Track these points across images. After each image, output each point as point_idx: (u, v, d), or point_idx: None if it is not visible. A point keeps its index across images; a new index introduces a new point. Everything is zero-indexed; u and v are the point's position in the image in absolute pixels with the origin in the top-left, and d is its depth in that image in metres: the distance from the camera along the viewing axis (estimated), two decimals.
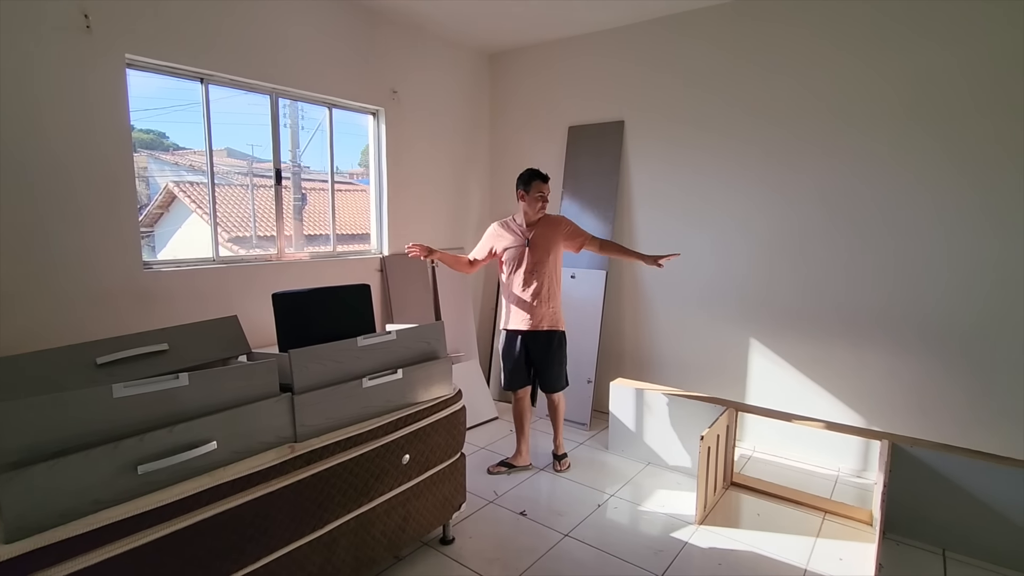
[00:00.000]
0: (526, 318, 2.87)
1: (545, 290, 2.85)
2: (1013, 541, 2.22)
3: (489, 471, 3.02)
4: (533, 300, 2.85)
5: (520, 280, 2.86)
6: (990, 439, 2.63)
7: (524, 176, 2.87)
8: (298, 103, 3.28)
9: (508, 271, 2.92)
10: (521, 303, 2.88)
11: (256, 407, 1.66)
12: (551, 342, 2.91)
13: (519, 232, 2.90)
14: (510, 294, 2.93)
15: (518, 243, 2.88)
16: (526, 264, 2.85)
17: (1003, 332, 2.62)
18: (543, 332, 2.89)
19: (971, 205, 2.66)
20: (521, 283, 2.87)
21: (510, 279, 2.91)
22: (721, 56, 3.28)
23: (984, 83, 2.57)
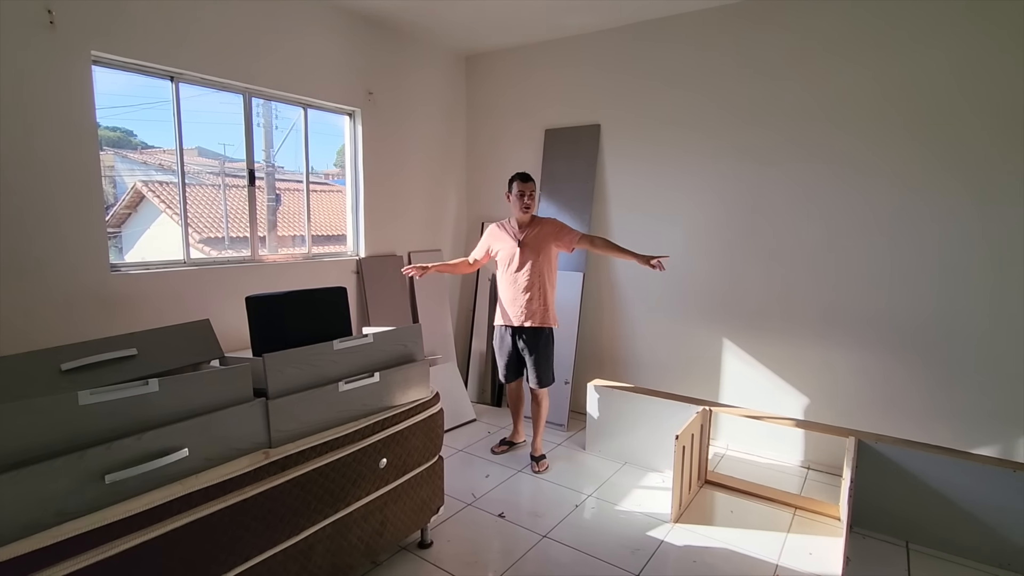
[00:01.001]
0: (514, 314, 3.02)
1: (535, 288, 2.97)
2: (971, 532, 2.31)
3: (493, 451, 3.31)
4: (521, 297, 2.99)
5: (511, 279, 3.02)
6: (950, 434, 2.74)
7: (509, 179, 3.05)
8: (272, 103, 3.23)
9: (501, 270, 3.08)
10: (511, 300, 3.03)
11: (229, 413, 1.63)
12: (538, 338, 3.02)
13: (512, 233, 3.05)
14: (502, 291, 3.08)
15: (510, 244, 3.03)
16: (516, 263, 3.00)
17: (961, 332, 2.73)
18: (529, 328, 3.01)
19: (936, 209, 2.76)
20: (512, 281, 3.02)
21: (503, 277, 3.07)
22: (695, 60, 3.34)
23: (954, 85, 2.68)
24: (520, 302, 3.00)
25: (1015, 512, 2.23)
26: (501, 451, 3.30)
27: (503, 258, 3.06)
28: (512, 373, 3.17)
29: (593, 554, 2.35)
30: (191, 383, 1.58)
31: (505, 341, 3.11)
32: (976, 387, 2.71)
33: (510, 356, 3.12)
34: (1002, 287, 2.63)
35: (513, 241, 3.02)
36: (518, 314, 3.01)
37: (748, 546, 2.41)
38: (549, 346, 3.07)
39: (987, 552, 2.29)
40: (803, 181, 3.08)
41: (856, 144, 2.91)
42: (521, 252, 2.99)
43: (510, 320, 3.05)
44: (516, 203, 2.99)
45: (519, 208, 2.99)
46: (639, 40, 3.53)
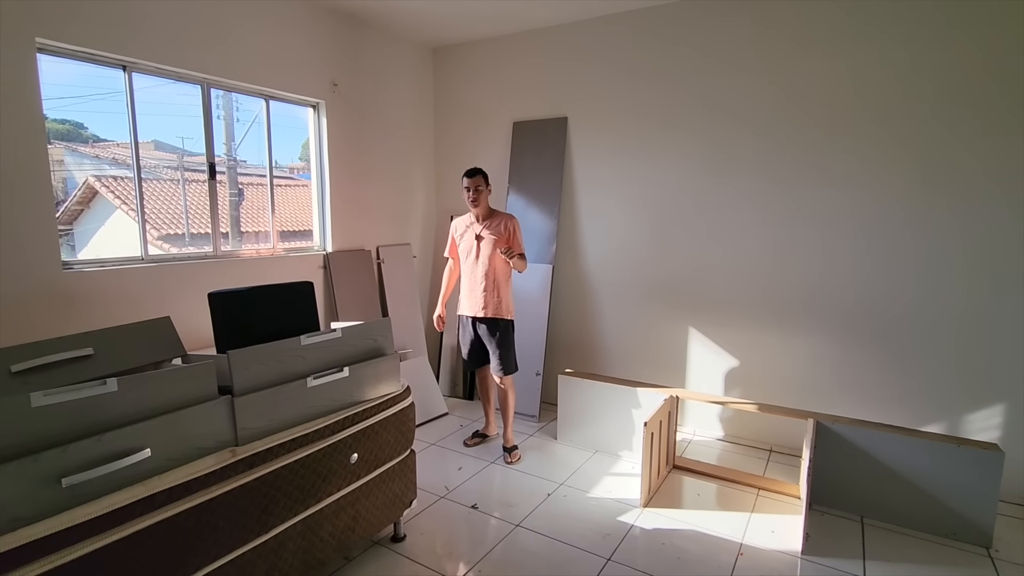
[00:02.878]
0: (472, 304, 3.14)
1: (490, 280, 3.09)
2: (920, 505, 2.45)
3: (466, 443, 3.34)
4: (478, 288, 3.11)
5: (468, 270, 3.15)
6: (902, 414, 2.88)
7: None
8: (232, 94, 3.14)
9: (461, 261, 3.20)
10: (468, 290, 3.16)
11: (193, 411, 1.59)
12: (496, 329, 3.11)
13: (471, 227, 3.16)
14: (463, 282, 3.21)
15: (470, 236, 3.14)
16: (473, 255, 3.11)
17: (910, 318, 2.87)
18: (488, 319, 3.11)
19: (889, 200, 2.88)
20: (470, 272, 3.14)
21: (463, 269, 3.19)
22: (661, 54, 3.39)
23: (909, 81, 2.79)
24: (477, 292, 3.11)
25: (958, 485, 2.37)
26: (474, 443, 3.33)
27: (463, 250, 3.17)
28: (474, 361, 3.26)
29: (565, 541, 2.39)
30: (152, 382, 1.54)
31: (467, 330, 3.21)
32: (924, 369, 2.86)
33: (472, 344, 3.22)
34: (947, 275, 2.76)
35: (471, 234, 3.13)
36: (476, 305, 3.12)
37: (714, 527, 2.49)
38: (508, 335, 3.14)
39: (934, 523, 2.43)
40: (765, 173, 3.17)
41: (815, 136, 3.01)
42: (477, 244, 3.10)
43: (467, 310, 3.17)
44: (465, 198, 3.11)
45: (468, 203, 3.10)
46: (606, 33, 3.56)
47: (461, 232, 3.20)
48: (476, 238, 3.10)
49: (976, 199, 2.68)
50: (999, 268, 2.66)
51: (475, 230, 3.13)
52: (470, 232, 3.15)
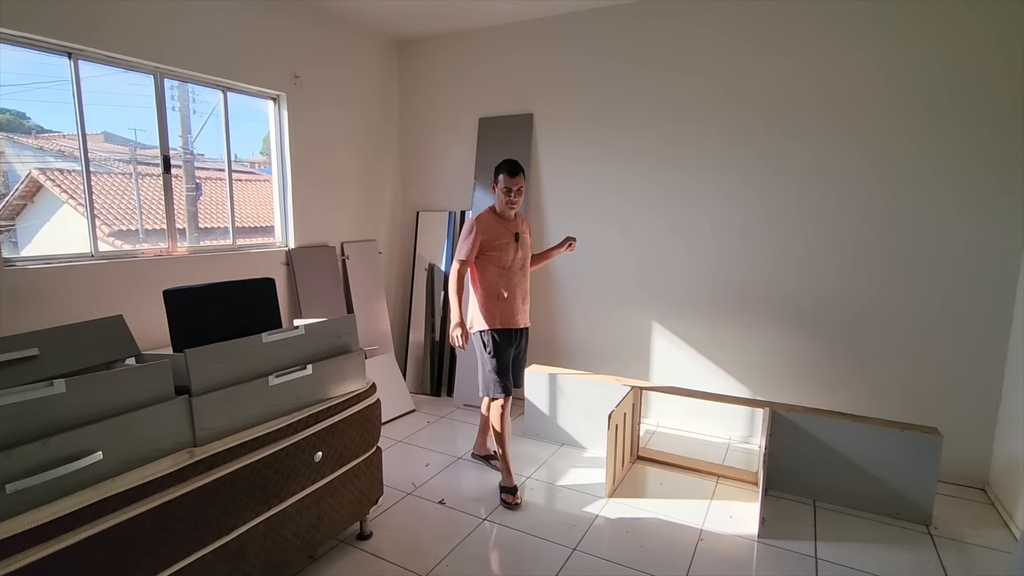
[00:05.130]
0: (520, 316, 2.78)
1: (528, 285, 2.86)
2: (867, 488, 2.58)
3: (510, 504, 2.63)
4: (524, 297, 2.81)
5: (514, 277, 2.74)
6: (851, 401, 3.03)
7: (495, 168, 2.72)
8: (188, 85, 3.04)
9: (498, 267, 2.70)
10: (514, 301, 2.74)
11: (148, 412, 1.55)
12: (526, 336, 2.90)
13: (504, 226, 2.72)
14: (501, 292, 2.70)
15: (506, 238, 2.71)
16: (520, 259, 2.76)
17: (860, 310, 3.01)
18: (526, 328, 2.86)
19: (839, 199, 3.01)
20: (515, 280, 2.75)
21: (498, 276, 2.70)
22: (625, 52, 3.45)
23: (864, 82, 2.92)
24: (522, 302, 2.79)
25: (902, 467, 2.51)
26: (514, 502, 2.64)
27: (502, 254, 2.70)
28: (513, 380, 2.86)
29: (532, 532, 2.42)
30: (103, 383, 1.49)
31: (513, 345, 2.78)
32: (870, 359, 3.00)
33: (514, 361, 2.84)
34: (891, 272, 2.91)
35: (509, 234, 2.72)
36: (525, 313, 2.81)
37: (676, 514, 2.57)
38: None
39: (880, 504, 2.56)
40: (724, 172, 3.26)
41: (773, 136, 3.12)
42: (520, 247, 2.76)
43: (517, 322, 2.76)
44: (501, 198, 2.67)
45: (504, 204, 2.68)
46: (571, 30, 3.59)
47: (496, 233, 2.69)
48: (515, 237, 2.73)
49: (919, 201, 2.83)
50: (938, 266, 2.81)
51: (511, 228, 2.73)
52: (505, 232, 2.70)
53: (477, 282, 2.74)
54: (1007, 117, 2.61)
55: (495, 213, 2.73)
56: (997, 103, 2.63)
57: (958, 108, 2.70)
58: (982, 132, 2.67)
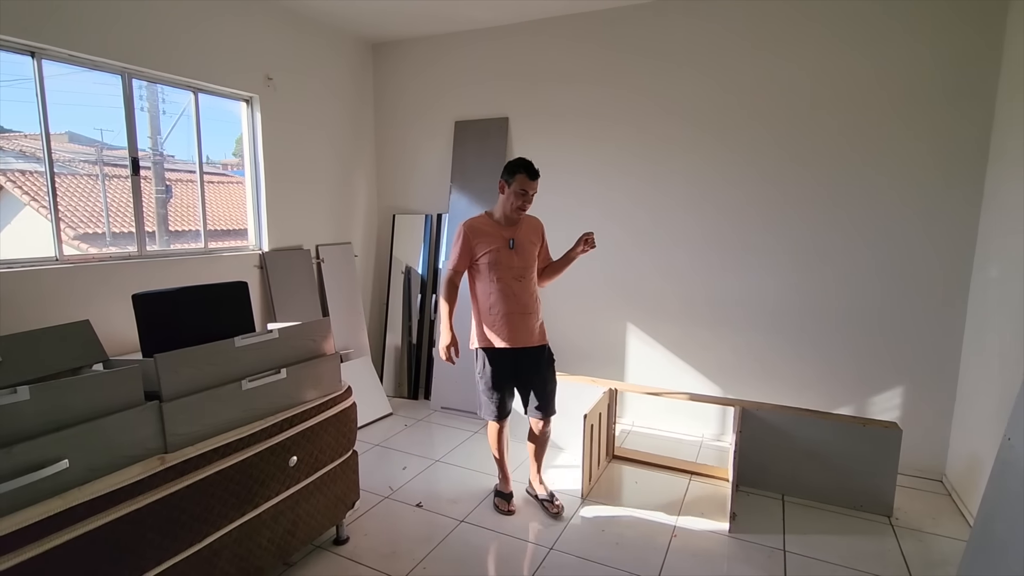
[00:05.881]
0: (518, 333, 2.46)
1: (534, 299, 2.52)
2: (832, 482, 2.67)
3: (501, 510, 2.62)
4: (524, 311, 2.47)
5: (507, 288, 2.44)
6: (817, 398, 3.12)
7: (511, 165, 2.41)
8: (157, 85, 2.98)
9: (488, 278, 2.45)
10: (510, 316, 2.45)
11: (117, 418, 1.52)
12: (542, 357, 2.55)
13: (497, 232, 2.45)
14: (492, 305, 2.46)
15: (498, 244, 2.43)
16: (514, 270, 2.45)
17: (824, 311, 3.11)
18: (536, 348, 2.52)
19: (809, 205, 3.11)
20: (509, 292, 2.44)
21: (490, 287, 2.45)
22: (598, 58, 3.50)
23: (824, 88, 3.02)
24: (522, 317, 2.46)
25: (864, 461, 2.60)
26: (509, 511, 2.61)
27: (491, 263, 2.43)
28: (510, 405, 2.62)
29: (509, 533, 2.44)
30: (69, 389, 1.46)
31: (502, 366, 2.50)
32: (834, 357, 3.11)
33: (509, 384, 2.56)
34: (853, 273, 3.02)
35: (502, 240, 2.44)
36: (525, 332, 2.47)
37: (650, 512, 2.62)
38: (553, 365, 2.62)
39: (844, 497, 2.65)
40: (692, 177, 3.34)
41: (742, 146, 3.20)
42: (516, 254, 2.45)
43: (511, 341, 2.45)
44: (512, 200, 2.40)
45: (512, 207, 2.41)
46: (545, 36, 3.63)
47: (485, 240, 2.43)
48: (511, 245, 2.44)
49: (874, 205, 2.94)
50: (894, 269, 2.93)
51: (506, 234, 2.45)
52: (497, 236, 2.44)
53: (474, 294, 2.52)
54: (958, 122, 2.74)
55: (490, 217, 2.50)
56: (946, 109, 2.75)
57: (911, 114, 2.82)
58: (934, 138, 2.79)
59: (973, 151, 2.73)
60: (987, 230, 2.68)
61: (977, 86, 2.69)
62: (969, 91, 2.71)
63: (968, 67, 2.69)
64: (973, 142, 2.73)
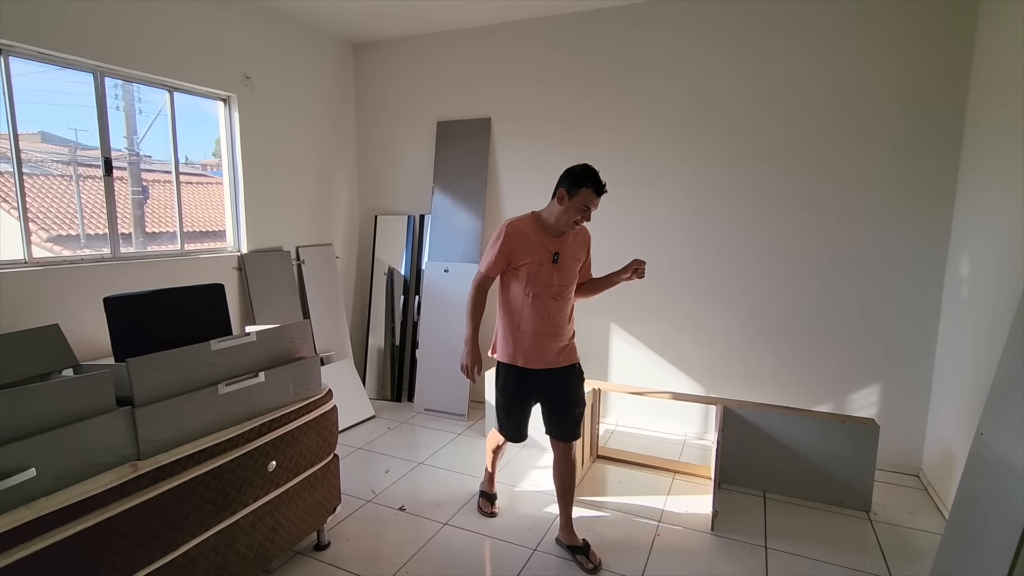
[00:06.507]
0: (546, 356, 2.23)
1: (568, 320, 2.29)
2: (812, 478, 2.70)
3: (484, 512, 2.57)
4: (559, 331, 2.23)
5: (542, 307, 2.20)
6: (796, 396, 3.16)
7: (576, 174, 2.13)
8: (133, 84, 2.92)
9: (523, 292, 2.20)
10: (540, 338, 2.21)
11: (86, 425, 1.48)
12: (572, 377, 2.31)
13: (542, 241, 2.19)
14: (522, 322, 2.22)
15: (541, 257, 2.18)
16: (553, 288, 2.20)
17: (803, 309, 3.15)
18: (565, 368, 2.29)
19: (788, 208, 3.15)
20: (544, 311, 2.20)
21: (523, 302, 2.21)
22: (579, 58, 3.51)
23: (803, 96, 3.06)
24: (555, 337, 2.23)
25: (843, 457, 2.64)
26: (492, 512, 2.58)
27: (531, 276, 2.18)
28: (526, 428, 2.38)
29: (493, 535, 2.43)
30: (36, 395, 1.42)
31: (523, 387, 2.28)
32: (813, 355, 3.15)
33: (528, 405, 2.33)
34: (831, 272, 3.06)
35: (546, 252, 2.18)
36: (552, 351, 2.23)
37: (634, 511, 2.63)
38: (583, 384, 2.37)
39: (824, 493, 2.69)
40: (676, 178, 3.37)
41: (722, 146, 3.23)
42: (559, 269, 2.20)
43: (538, 362, 2.23)
44: (570, 215, 2.13)
45: (569, 222, 2.15)
46: (527, 36, 3.63)
47: (528, 249, 2.17)
48: (554, 259, 2.19)
49: (854, 209, 2.99)
50: (872, 270, 2.98)
51: (551, 246, 2.19)
52: (541, 248, 2.18)
53: (502, 303, 2.29)
54: (932, 128, 2.79)
55: (537, 222, 2.21)
56: (920, 114, 2.81)
57: (886, 120, 2.87)
58: (908, 143, 2.84)
59: (946, 156, 2.79)
60: (959, 231, 2.74)
61: (949, 93, 2.74)
62: (942, 98, 2.76)
63: (941, 75, 2.75)
64: (945, 147, 2.78)
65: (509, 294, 2.25)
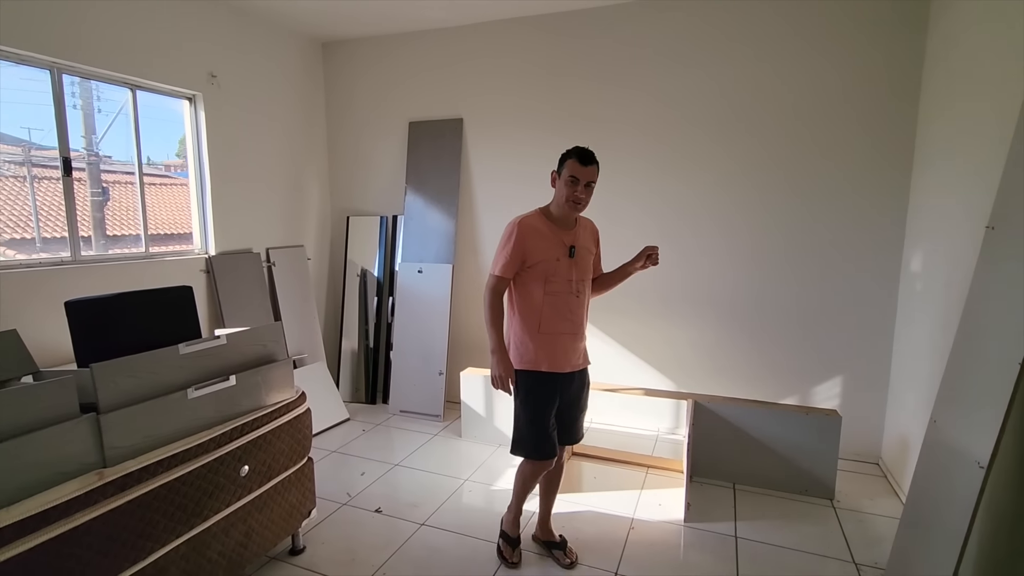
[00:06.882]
0: (570, 358, 2.13)
1: (586, 317, 2.20)
2: (779, 469, 2.79)
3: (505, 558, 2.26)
4: (579, 329, 2.15)
5: (563, 305, 2.09)
6: (764, 389, 3.26)
7: (563, 153, 2.08)
8: (92, 82, 2.83)
9: (541, 291, 2.08)
10: (562, 338, 2.10)
11: (48, 433, 1.44)
12: (586, 380, 2.26)
13: (555, 235, 2.09)
14: (542, 323, 2.08)
15: (557, 252, 2.07)
16: (572, 283, 2.10)
17: (768, 307, 3.25)
18: (581, 371, 2.21)
19: (754, 208, 3.24)
20: (565, 309, 2.09)
21: (541, 302, 2.08)
22: (549, 59, 3.54)
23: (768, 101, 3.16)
24: (579, 335, 2.15)
25: (808, 448, 2.74)
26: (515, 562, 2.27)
27: (548, 272, 2.06)
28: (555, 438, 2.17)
29: (470, 534, 2.44)
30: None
31: (553, 393, 2.13)
32: (778, 350, 3.26)
33: (552, 414, 2.15)
34: (794, 269, 3.17)
35: (561, 247, 2.08)
36: (577, 353, 2.15)
37: (609, 506, 2.67)
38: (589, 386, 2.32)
39: (790, 483, 2.78)
40: (642, 177, 3.43)
41: (689, 146, 3.31)
42: (576, 264, 2.11)
43: (563, 365, 2.11)
44: (563, 191, 2.04)
45: (565, 199, 2.04)
46: (499, 37, 3.65)
47: (542, 243, 2.06)
48: (570, 251, 2.09)
49: (814, 208, 3.10)
50: (832, 267, 3.09)
51: (566, 239, 2.10)
52: (556, 242, 2.08)
53: (515, 306, 2.14)
54: (887, 134, 2.92)
55: (546, 217, 2.13)
56: (876, 120, 2.93)
57: (845, 126, 2.99)
58: (866, 147, 2.97)
59: (900, 159, 2.92)
60: (913, 230, 2.87)
61: (902, 97, 2.87)
62: (896, 104, 2.89)
63: (895, 82, 2.88)
64: (900, 151, 2.91)
65: (525, 295, 2.11)
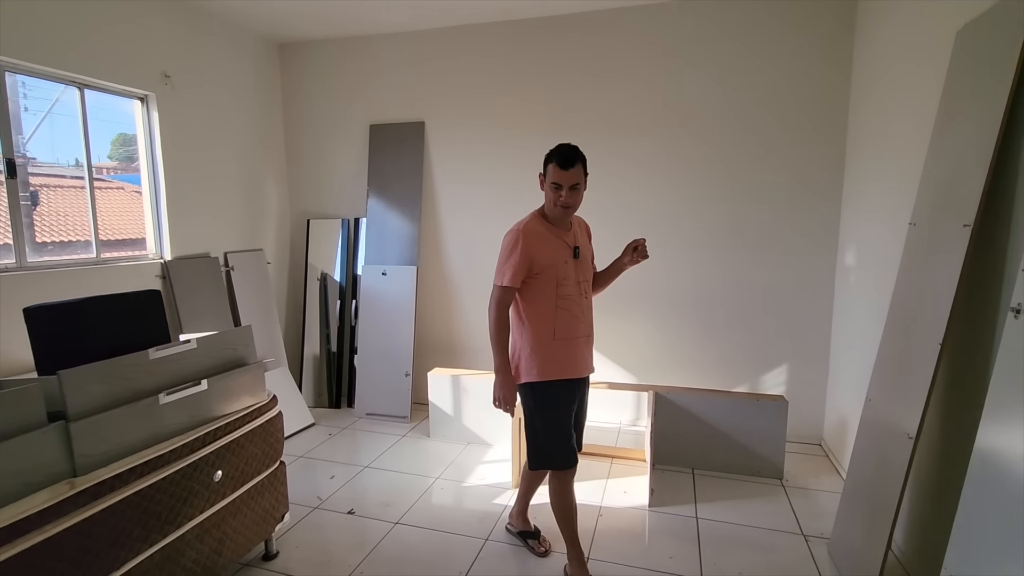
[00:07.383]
0: (586, 361, 2.11)
1: (593, 319, 2.18)
2: (732, 452, 2.98)
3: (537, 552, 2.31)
4: (591, 331, 2.14)
5: (575, 308, 2.06)
6: (717, 378, 3.46)
7: (546, 154, 2.03)
8: (18, 76, 2.64)
9: (552, 295, 2.02)
10: (577, 341, 2.06)
11: (14, 443, 1.40)
12: (588, 383, 2.24)
13: (558, 238, 2.05)
14: (557, 329, 2.03)
15: (564, 255, 2.04)
16: (581, 283, 2.08)
17: (718, 300, 3.46)
18: (587, 376, 2.18)
19: (702, 205, 3.43)
20: (578, 311, 2.06)
21: (553, 307, 2.03)
22: (509, 63, 3.64)
23: (712, 103, 3.35)
24: (587, 341, 2.11)
25: (759, 432, 2.94)
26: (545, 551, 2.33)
27: (558, 277, 2.01)
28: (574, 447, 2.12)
29: (444, 529, 2.48)
30: None
31: (572, 400, 2.10)
32: (729, 341, 3.46)
33: (570, 421, 2.11)
34: (740, 263, 3.39)
35: (565, 249, 2.04)
36: (589, 357, 2.13)
37: (578, 496, 2.73)
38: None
39: (743, 465, 2.97)
40: (596, 176, 3.56)
41: (642, 149, 3.48)
42: (580, 266, 2.08)
43: (580, 370, 2.08)
44: (549, 196, 2.02)
45: (553, 204, 2.01)
46: (459, 42, 3.71)
47: (547, 248, 2.02)
48: (574, 252, 2.07)
49: (756, 205, 3.32)
50: (774, 261, 3.33)
51: (568, 240, 2.08)
52: (560, 245, 2.04)
53: (523, 316, 2.06)
54: (822, 133, 3.17)
55: (544, 219, 2.07)
56: (811, 121, 3.18)
57: (783, 126, 3.22)
58: (803, 146, 3.21)
59: (834, 158, 3.17)
60: (846, 225, 3.13)
61: (834, 99, 3.13)
62: (827, 105, 3.14)
63: (827, 85, 3.13)
64: (833, 150, 3.17)
65: (533, 304, 2.03)
